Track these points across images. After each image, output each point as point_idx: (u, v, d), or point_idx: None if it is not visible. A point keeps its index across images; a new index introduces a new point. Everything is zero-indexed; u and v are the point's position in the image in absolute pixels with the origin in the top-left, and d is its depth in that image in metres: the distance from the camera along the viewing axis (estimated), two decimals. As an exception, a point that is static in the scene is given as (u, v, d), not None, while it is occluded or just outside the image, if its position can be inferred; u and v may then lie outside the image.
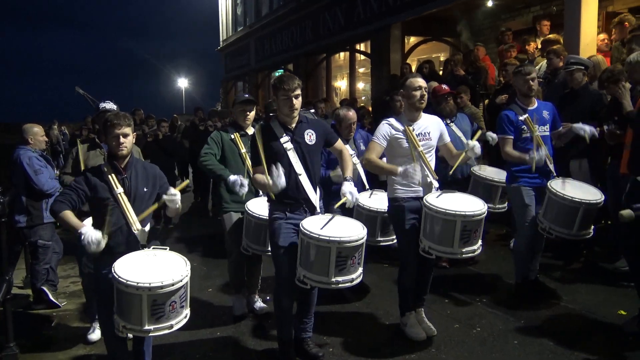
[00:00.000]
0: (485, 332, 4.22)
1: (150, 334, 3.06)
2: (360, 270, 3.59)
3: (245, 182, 4.33)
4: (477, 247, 3.90)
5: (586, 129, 4.47)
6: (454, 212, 3.75)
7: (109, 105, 4.66)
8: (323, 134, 3.83)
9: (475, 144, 4.08)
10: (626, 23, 6.40)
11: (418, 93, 4.00)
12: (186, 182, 3.54)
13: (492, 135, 4.78)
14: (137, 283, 2.94)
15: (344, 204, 3.68)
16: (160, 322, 3.03)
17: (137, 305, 2.97)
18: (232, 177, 4.38)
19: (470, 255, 3.92)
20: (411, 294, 4.19)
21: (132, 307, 2.99)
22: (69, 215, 3.24)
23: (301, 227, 3.50)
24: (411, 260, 4.07)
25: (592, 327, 4.22)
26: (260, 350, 4.13)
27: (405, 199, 4.02)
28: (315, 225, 3.52)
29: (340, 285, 3.50)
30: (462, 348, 3.98)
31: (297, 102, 3.66)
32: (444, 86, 5.88)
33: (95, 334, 4.41)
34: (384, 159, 4.22)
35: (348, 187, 3.62)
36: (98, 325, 4.38)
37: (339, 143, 3.93)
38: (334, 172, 4.70)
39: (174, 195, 3.39)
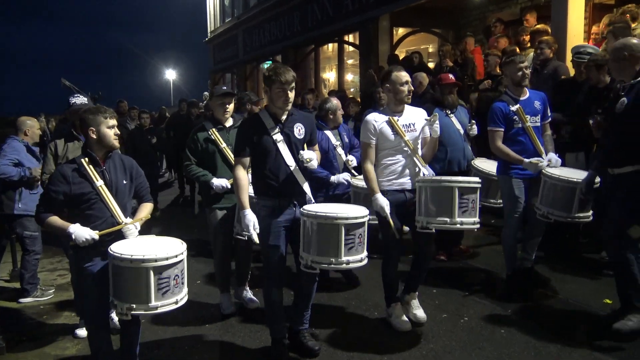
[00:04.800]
0: (473, 321, 4.25)
1: (158, 310, 3.02)
2: (366, 251, 3.59)
3: (229, 185, 4.40)
4: (477, 220, 3.89)
5: (553, 160, 4.44)
6: (449, 179, 3.85)
7: (80, 100, 4.58)
8: (310, 131, 3.84)
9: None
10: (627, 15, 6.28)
11: (405, 88, 4.02)
12: (148, 216, 3.51)
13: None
14: (143, 256, 2.94)
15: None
16: (166, 298, 3.02)
17: (143, 280, 2.95)
18: (216, 182, 4.42)
19: (469, 226, 3.90)
20: (395, 285, 4.23)
21: (138, 284, 2.97)
22: (54, 219, 3.24)
23: (304, 211, 3.50)
24: (394, 252, 4.13)
25: (579, 316, 4.26)
26: (250, 343, 4.12)
27: (389, 191, 4.03)
28: (318, 207, 3.58)
29: (350, 265, 3.51)
30: (450, 338, 4.01)
31: (292, 95, 3.63)
32: (450, 76, 5.75)
33: (83, 331, 4.35)
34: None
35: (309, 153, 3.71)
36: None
37: (317, 147, 3.98)
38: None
39: (134, 231, 3.34)
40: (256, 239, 3.57)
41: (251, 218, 3.56)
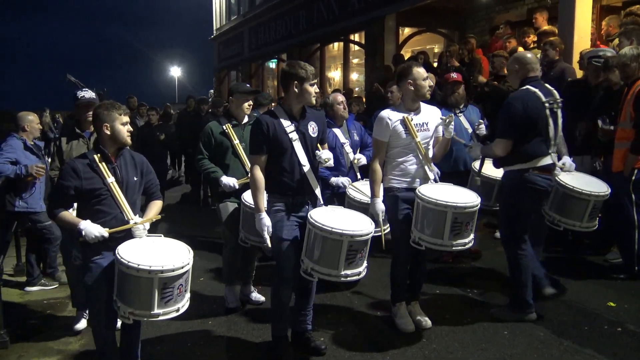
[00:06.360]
0: (475, 322, 4.24)
1: (159, 318, 3.03)
2: (366, 263, 3.57)
3: (237, 184, 4.42)
4: (469, 240, 3.84)
5: (567, 164, 4.33)
6: (444, 203, 3.70)
7: (88, 94, 4.55)
8: (322, 130, 3.84)
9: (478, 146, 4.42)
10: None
11: (427, 83, 3.99)
12: (158, 216, 3.51)
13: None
14: (150, 266, 2.93)
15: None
16: (168, 306, 3.03)
17: (147, 289, 2.96)
18: (225, 180, 4.45)
19: (460, 248, 3.87)
20: (403, 285, 4.19)
21: (141, 292, 2.98)
22: (66, 214, 3.25)
23: (310, 219, 3.45)
24: (404, 251, 4.06)
25: (582, 318, 4.24)
26: (253, 340, 4.13)
27: (399, 189, 4.01)
28: (324, 217, 3.49)
29: (348, 279, 3.49)
30: (452, 338, 4.00)
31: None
32: (453, 74, 5.70)
33: (81, 324, 4.39)
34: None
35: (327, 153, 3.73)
36: (84, 314, 4.38)
37: (326, 145, 3.96)
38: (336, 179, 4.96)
39: (143, 230, 3.33)
40: (268, 244, 3.54)
41: (266, 222, 3.54)
